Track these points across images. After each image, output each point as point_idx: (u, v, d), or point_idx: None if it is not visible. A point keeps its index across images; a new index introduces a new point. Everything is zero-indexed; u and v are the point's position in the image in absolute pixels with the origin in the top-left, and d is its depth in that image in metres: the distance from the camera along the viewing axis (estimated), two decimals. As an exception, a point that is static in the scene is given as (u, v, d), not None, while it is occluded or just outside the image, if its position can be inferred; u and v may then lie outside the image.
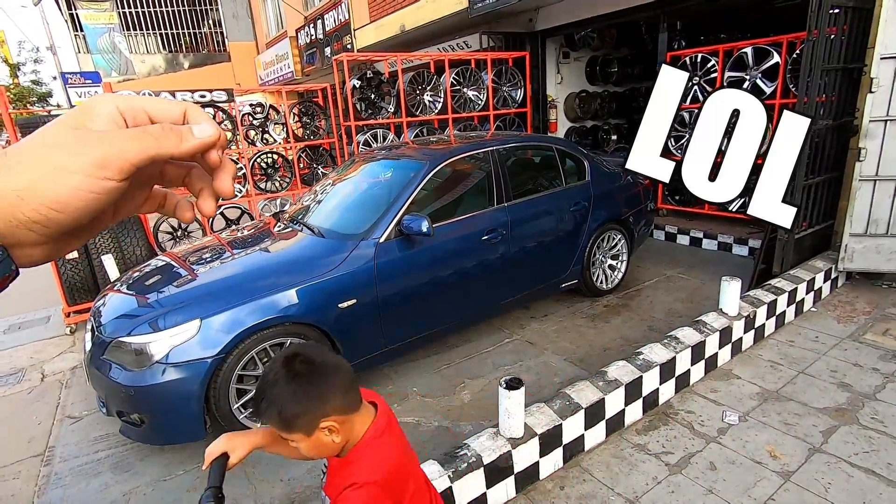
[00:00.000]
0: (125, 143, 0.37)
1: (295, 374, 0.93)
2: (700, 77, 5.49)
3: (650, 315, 3.94)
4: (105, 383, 2.46)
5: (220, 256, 3.12)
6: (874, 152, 3.68)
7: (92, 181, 0.36)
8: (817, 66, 3.50)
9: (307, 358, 0.95)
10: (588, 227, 4.01)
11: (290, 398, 0.92)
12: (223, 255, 3.14)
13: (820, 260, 4.05)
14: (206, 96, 4.99)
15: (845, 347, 3.24)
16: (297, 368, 0.93)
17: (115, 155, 0.36)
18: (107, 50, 14.29)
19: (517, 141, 3.88)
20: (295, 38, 12.62)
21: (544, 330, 3.81)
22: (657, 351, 2.81)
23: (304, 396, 0.93)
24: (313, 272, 2.74)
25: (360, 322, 2.88)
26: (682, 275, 4.74)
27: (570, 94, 7.74)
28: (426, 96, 5.98)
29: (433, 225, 3.09)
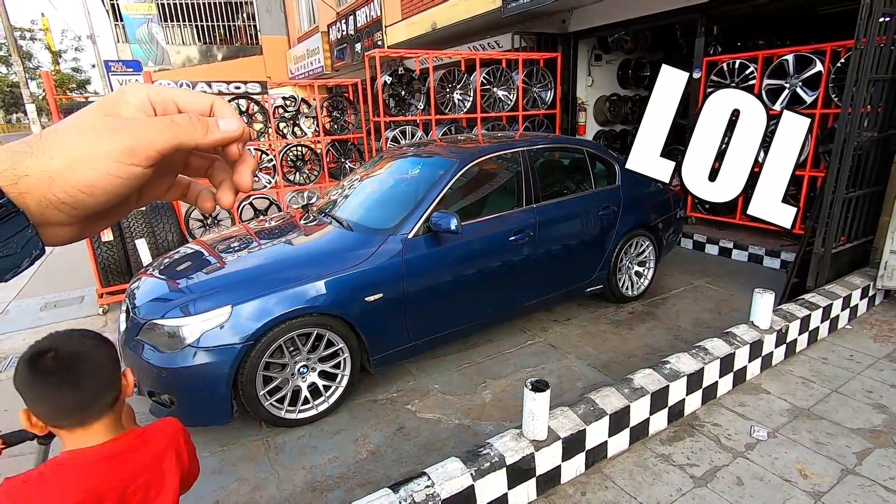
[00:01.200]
0: (153, 132, 0.38)
1: (34, 370, 0.89)
2: (737, 84, 5.36)
3: (676, 324, 3.87)
4: (138, 363, 2.53)
5: (249, 246, 3.18)
6: (921, 167, 3.54)
7: (120, 167, 0.37)
8: (864, 75, 3.39)
9: (48, 356, 0.89)
10: (616, 232, 3.96)
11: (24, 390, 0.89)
12: (251, 244, 3.19)
13: (857, 276, 3.92)
14: (240, 88, 5.08)
15: (881, 368, 3.13)
16: (36, 365, 0.89)
17: (143, 142, 0.37)
18: (144, 40, 14.67)
19: (547, 142, 3.85)
20: (326, 34, 12.75)
21: (567, 334, 3.78)
22: (685, 361, 2.76)
23: (30, 392, 0.89)
24: (341, 265, 2.77)
25: (386, 316, 2.90)
26: (710, 285, 4.64)
27: (601, 98, 7.65)
28: (456, 94, 5.98)
29: (461, 223, 3.10)
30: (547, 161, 3.88)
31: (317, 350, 2.76)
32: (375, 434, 2.71)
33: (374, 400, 3.03)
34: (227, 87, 5.05)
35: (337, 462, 2.50)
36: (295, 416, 2.74)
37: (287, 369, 2.71)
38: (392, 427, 2.77)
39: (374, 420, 2.83)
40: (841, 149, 3.52)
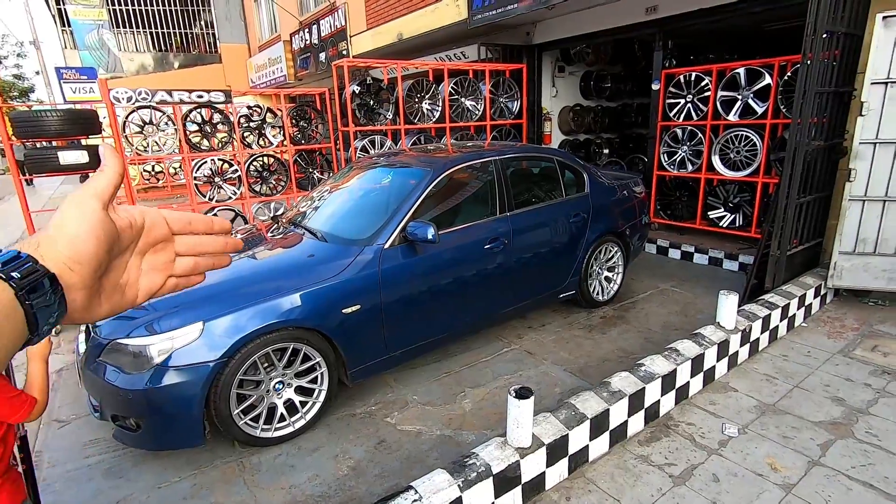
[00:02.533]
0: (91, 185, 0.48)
1: None
2: (694, 95, 5.62)
3: (646, 327, 3.98)
4: (100, 386, 2.39)
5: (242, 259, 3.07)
6: (863, 173, 3.80)
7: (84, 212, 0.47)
8: (811, 88, 3.62)
9: None
10: (586, 239, 4.05)
11: None
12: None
13: (810, 276, 4.15)
14: (203, 97, 4.93)
15: (837, 363, 3.31)
16: None
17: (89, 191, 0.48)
18: (94, 46, 14.05)
19: (518, 151, 3.91)
20: (289, 42, 12.58)
21: (542, 340, 3.82)
22: (658, 363, 2.83)
23: None
24: (317, 276, 2.71)
25: (364, 328, 2.85)
26: (675, 288, 4.81)
27: (565, 108, 7.85)
28: (425, 104, 6.01)
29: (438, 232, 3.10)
30: (518, 170, 3.94)
31: (293, 365, 2.68)
32: (355, 449, 2.65)
33: (352, 414, 2.96)
34: (189, 95, 4.89)
35: (317, 480, 2.43)
36: (271, 434, 2.65)
37: (262, 386, 2.62)
38: (372, 441, 2.71)
39: (354, 435, 2.77)
40: (792, 157, 3.73)
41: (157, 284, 0.56)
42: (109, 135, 4.85)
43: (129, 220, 0.51)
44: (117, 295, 0.52)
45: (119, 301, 0.52)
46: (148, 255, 0.55)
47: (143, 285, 0.55)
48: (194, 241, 0.59)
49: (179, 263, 0.58)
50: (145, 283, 0.55)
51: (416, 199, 3.12)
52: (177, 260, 0.58)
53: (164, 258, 0.56)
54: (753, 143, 5.20)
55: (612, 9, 5.95)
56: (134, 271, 0.54)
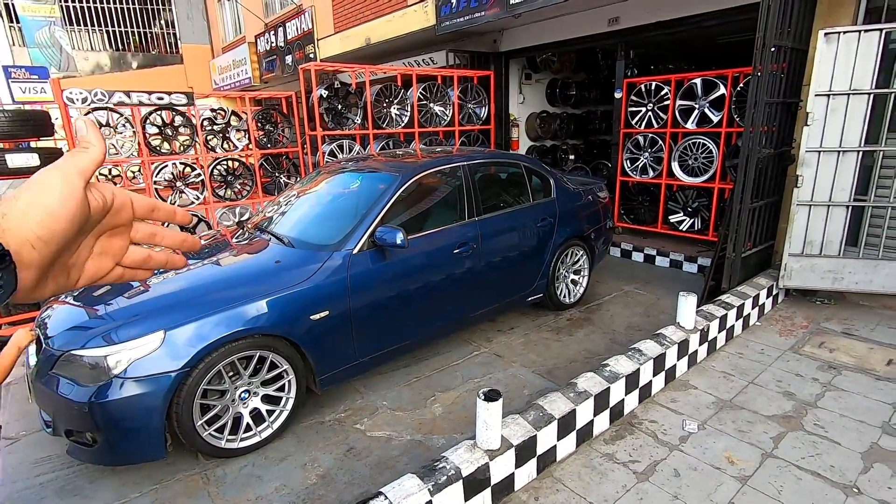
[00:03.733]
0: (74, 160, 0.47)
1: None
2: (654, 104, 5.83)
3: (611, 328, 4.09)
4: (54, 400, 2.28)
5: (201, 265, 2.98)
6: (809, 179, 4.03)
7: (67, 188, 0.44)
8: (761, 99, 3.82)
9: None
10: (553, 243, 4.14)
11: None
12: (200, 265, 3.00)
13: (763, 277, 4.36)
14: (163, 98, 4.79)
15: (787, 359, 3.49)
16: None
17: (73, 166, 0.46)
18: (45, 44, 13.42)
19: (486, 157, 3.97)
20: (254, 45, 12.35)
21: (511, 343, 3.87)
22: (622, 363, 2.92)
23: None
24: (284, 282, 2.67)
25: (333, 334, 2.83)
26: (638, 290, 4.96)
27: (532, 114, 8.00)
28: (393, 109, 6.01)
29: (407, 237, 3.11)
30: (486, 175, 3.99)
31: (259, 373, 2.63)
32: (324, 457, 2.62)
33: (321, 422, 2.93)
34: (149, 97, 4.74)
35: (285, 490, 2.39)
36: (236, 444, 2.59)
37: (227, 395, 2.55)
38: (341, 448, 2.69)
39: (323, 442, 2.74)
40: (745, 164, 3.92)
41: (104, 270, 0.54)
42: (62, 137, 4.64)
43: (103, 200, 0.49)
44: (63, 276, 0.49)
45: (63, 283, 0.49)
46: (103, 237, 0.53)
47: (90, 268, 0.52)
48: (152, 231, 0.57)
49: (132, 253, 0.56)
50: (92, 266, 0.52)
51: (385, 204, 3.12)
52: (130, 248, 0.55)
53: (118, 243, 0.54)
54: (710, 151, 5.43)
55: (576, 19, 6.12)
56: (85, 252, 0.51)
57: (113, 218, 0.52)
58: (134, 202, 0.54)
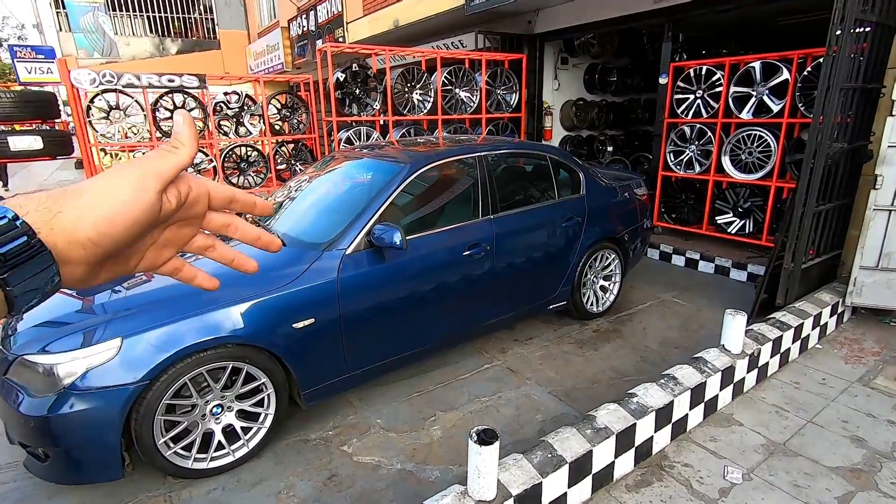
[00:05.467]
0: (156, 161, 0.44)
1: None
2: (704, 91, 5.22)
3: (643, 344, 3.63)
4: (5, 409, 2.07)
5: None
6: (891, 180, 3.41)
7: (137, 193, 0.42)
8: (837, 84, 3.23)
9: None
10: (580, 245, 3.69)
11: None
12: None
13: (826, 292, 3.77)
14: (174, 81, 4.59)
15: (855, 393, 2.95)
16: None
17: (150, 170, 0.43)
18: (90, 29, 13.72)
19: (507, 148, 3.55)
20: (287, 29, 12.21)
21: (528, 356, 3.47)
22: (653, 393, 2.48)
23: None
24: (265, 285, 2.37)
25: (319, 344, 2.52)
26: (676, 299, 4.44)
27: (567, 102, 7.45)
28: (415, 95, 5.64)
29: (408, 237, 2.76)
30: (507, 168, 3.57)
31: (234, 386, 2.35)
32: (303, 484, 2.33)
33: (305, 440, 2.64)
34: (159, 79, 4.55)
35: (251, 523, 2.11)
36: (205, 465, 2.33)
37: (196, 410, 2.29)
38: (323, 474, 2.39)
39: (304, 466, 2.44)
40: (811, 160, 3.35)
41: (162, 260, 0.51)
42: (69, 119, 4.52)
43: (177, 199, 0.46)
44: (121, 265, 0.47)
45: (120, 270, 0.47)
46: (173, 226, 0.50)
47: (149, 257, 0.50)
48: (226, 222, 0.53)
49: (196, 242, 0.52)
50: (152, 255, 0.50)
51: (386, 198, 2.77)
52: (196, 238, 0.52)
53: (187, 233, 0.51)
54: (767, 144, 4.80)
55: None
56: (149, 240, 0.48)
57: (186, 211, 0.49)
58: (211, 193, 0.50)
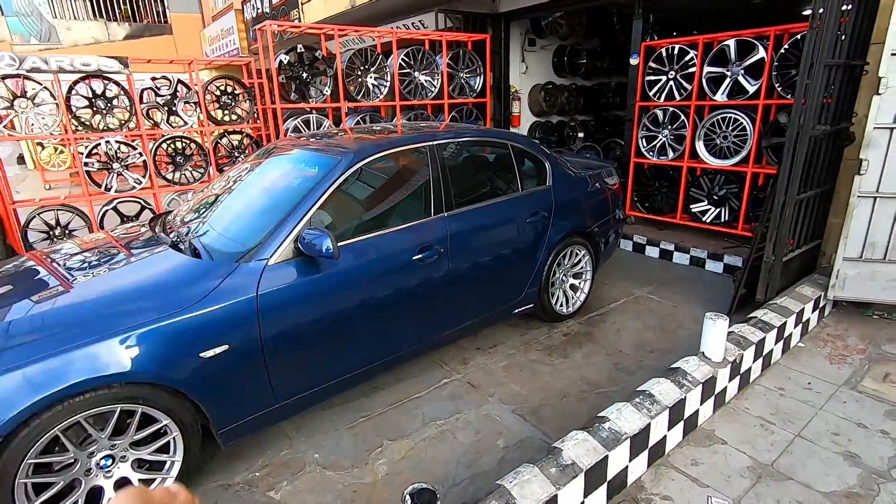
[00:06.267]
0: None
1: None
2: (677, 72, 4.92)
3: (616, 348, 3.33)
4: None
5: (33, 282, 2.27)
6: (877, 164, 3.17)
7: None
8: (820, 61, 2.94)
9: None
10: (547, 242, 3.36)
11: None
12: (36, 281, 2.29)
13: (808, 286, 3.53)
14: (90, 64, 4.04)
15: (844, 399, 2.71)
16: None
17: None
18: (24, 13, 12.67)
19: (464, 136, 3.16)
20: (241, 12, 11.48)
21: (491, 367, 3.14)
22: (627, 415, 2.17)
23: None
24: (162, 309, 1.95)
25: (236, 374, 2.11)
26: (651, 295, 4.17)
27: (536, 86, 7.09)
28: (370, 79, 5.19)
29: (348, 241, 2.38)
30: (464, 159, 3.20)
31: (127, 432, 1.94)
32: (217, 544, 1.94)
33: (227, 485, 2.24)
34: (72, 63, 3.99)
35: None
36: (93, 530, 1.91)
37: (78, 465, 1.87)
38: (242, 531, 2.01)
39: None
40: (793, 145, 3.07)
41: None
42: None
43: None
44: None
45: None
46: None
47: None
48: None
49: None
50: None
51: (318, 197, 2.37)
52: None
53: None
54: (743, 128, 4.54)
55: (586, -30, 5.18)
56: None
57: None
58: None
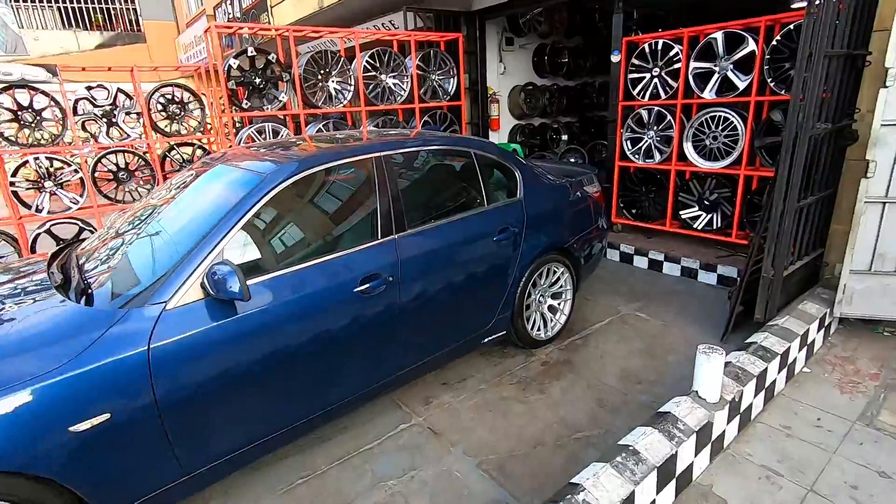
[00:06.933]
0: None
1: None
2: (661, 68, 4.57)
3: (600, 380, 2.95)
4: None
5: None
6: (885, 166, 2.81)
7: None
8: (820, 51, 2.59)
9: None
10: (520, 261, 2.98)
11: None
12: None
13: (811, 302, 3.17)
14: (11, 74, 3.63)
15: (860, 439, 2.34)
16: None
17: None
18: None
19: (418, 144, 2.78)
20: (213, 17, 11.09)
21: (457, 407, 2.75)
22: (606, 482, 1.79)
23: None
24: (20, 375, 1.55)
25: (124, 448, 1.72)
26: (639, 313, 3.80)
27: (515, 87, 6.74)
28: (332, 83, 4.81)
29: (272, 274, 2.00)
30: (418, 171, 2.82)
31: (-26, 532, 1.54)
32: None
33: (121, 580, 1.84)
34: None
35: None
36: None
37: None
38: None
39: None
40: (792, 146, 2.72)
41: None
42: None
43: None
44: None
45: None
46: None
47: None
48: None
49: None
50: None
51: (231, 226, 1.98)
52: None
53: None
54: (734, 127, 4.19)
55: (561, -38, 4.83)
56: None
57: None
58: None
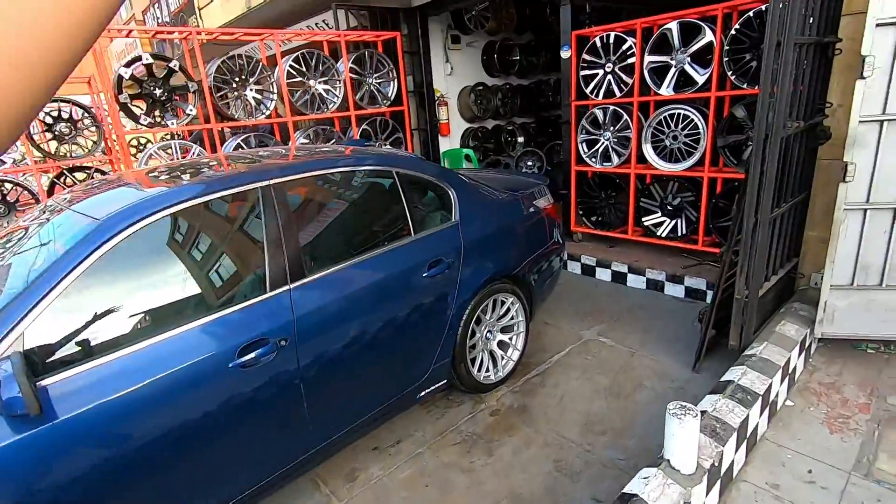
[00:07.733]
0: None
1: None
2: (615, 63, 4.19)
3: (559, 433, 2.51)
4: None
5: None
6: (865, 168, 2.46)
7: None
8: (789, 38, 2.21)
9: None
10: (458, 298, 2.52)
11: None
12: None
13: (789, 322, 2.82)
14: None
15: (860, 497, 1.97)
16: None
17: None
18: None
19: (321, 167, 2.27)
20: (143, 22, 10.28)
21: (387, 481, 2.27)
22: None
23: None
24: None
25: None
26: (603, 337, 3.39)
27: (465, 88, 6.29)
28: (250, 92, 4.24)
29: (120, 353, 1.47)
30: (322, 200, 2.32)
31: None
32: None
33: None
34: None
35: None
36: None
37: None
38: None
39: None
40: (762, 150, 2.34)
41: None
42: None
43: None
44: None
45: None
46: None
47: None
48: None
49: None
50: None
51: (38, 297, 1.44)
52: None
53: None
54: (695, 125, 3.83)
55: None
56: None
57: None
58: None
